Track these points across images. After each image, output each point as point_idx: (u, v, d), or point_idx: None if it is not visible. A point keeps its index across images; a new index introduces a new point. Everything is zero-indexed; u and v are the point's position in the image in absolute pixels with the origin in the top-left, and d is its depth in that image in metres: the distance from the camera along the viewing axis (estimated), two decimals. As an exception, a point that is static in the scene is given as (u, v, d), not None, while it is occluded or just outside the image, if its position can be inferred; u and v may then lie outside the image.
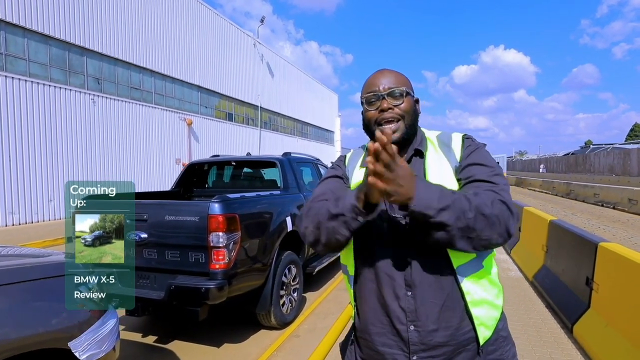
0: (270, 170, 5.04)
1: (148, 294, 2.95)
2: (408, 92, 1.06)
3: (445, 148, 1.06)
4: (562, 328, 3.29)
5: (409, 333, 0.96)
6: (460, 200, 0.85)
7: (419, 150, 1.07)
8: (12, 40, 10.34)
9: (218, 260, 2.83)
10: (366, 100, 1.07)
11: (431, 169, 1.03)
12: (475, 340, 0.98)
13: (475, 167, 0.99)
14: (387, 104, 1.03)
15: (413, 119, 1.07)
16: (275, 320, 3.47)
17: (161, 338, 3.44)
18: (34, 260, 1.90)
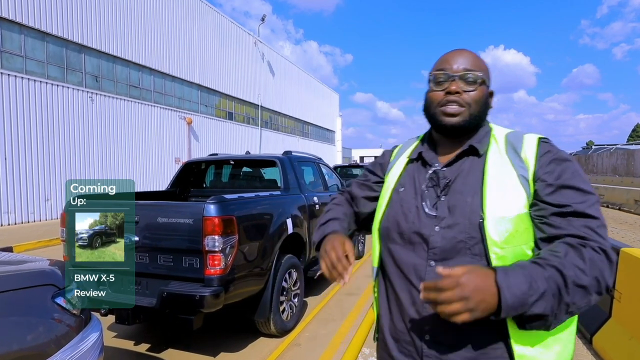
0: (270, 170, 4.85)
1: (139, 301, 2.76)
2: (484, 81, 0.92)
3: (512, 150, 0.88)
4: (580, 339, 3.10)
5: (423, 342, 0.86)
6: (553, 280, 0.71)
7: (473, 147, 0.91)
8: (8, 36, 10.17)
9: (214, 266, 2.64)
10: (434, 78, 0.93)
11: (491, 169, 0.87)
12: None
13: (570, 192, 0.80)
14: (456, 87, 0.89)
15: (480, 111, 0.92)
16: (275, 328, 3.28)
17: (154, 346, 3.26)
18: (7, 269, 1.71)
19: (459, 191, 0.88)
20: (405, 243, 0.91)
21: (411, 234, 0.90)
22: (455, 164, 0.92)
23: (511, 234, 0.80)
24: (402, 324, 0.91)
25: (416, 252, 0.89)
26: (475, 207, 0.83)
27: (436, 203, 0.89)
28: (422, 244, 0.88)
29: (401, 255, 0.92)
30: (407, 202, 0.94)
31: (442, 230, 0.86)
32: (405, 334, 0.90)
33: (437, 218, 0.88)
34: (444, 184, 0.90)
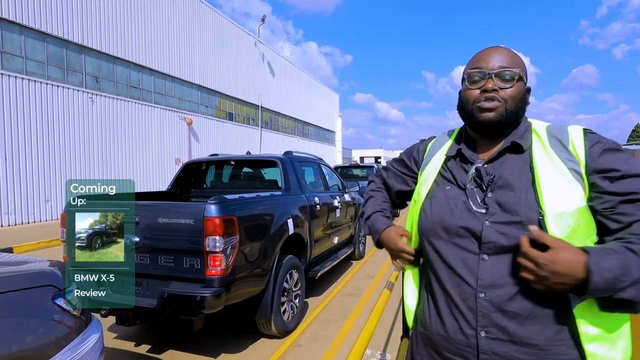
0: (271, 170, 4.84)
1: (140, 302, 2.74)
2: (521, 77, 0.90)
3: (557, 143, 0.87)
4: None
5: (478, 340, 0.83)
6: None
7: (516, 144, 0.90)
8: (8, 37, 10.16)
9: (214, 266, 2.63)
10: (469, 77, 0.93)
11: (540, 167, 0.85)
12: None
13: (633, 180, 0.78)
14: (492, 85, 0.89)
15: (518, 106, 0.90)
16: (276, 329, 3.27)
17: (155, 347, 3.25)
18: (7, 270, 1.70)
19: (507, 187, 0.86)
20: (452, 238, 0.90)
21: (458, 228, 0.89)
22: (497, 161, 0.91)
23: (573, 229, 0.78)
24: (453, 321, 0.88)
25: (465, 246, 0.87)
26: (532, 203, 0.82)
27: (484, 199, 0.88)
28: (471, 238, 0.87)
29: (448, 251, 0.90)
30: (453, 198, 0.93)
31: (496, 226, 0.84)
32: (457, 331, 0.87)
33: (487, 214, 0.86)
34: (488, 181, 0.89)
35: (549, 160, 0.86)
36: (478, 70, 0.91)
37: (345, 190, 5.46)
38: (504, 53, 0.92)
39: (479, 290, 0.83)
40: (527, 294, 0.79)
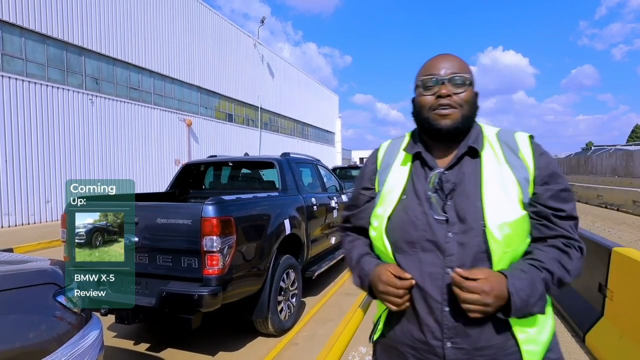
0: (268, 171, 4.90)
1: (139, 301, 2.80)
2: (471, 82, 0.95)
3: (509, 151, 0.92)
4: (573, 337, 3.14)
5: (444, 350, 0.87)
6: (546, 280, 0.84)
7: (473, 148, 0.93)
8: (9, 39, 10.23)
9: (212, 266, 2.69)
10: (423, 84, 0.95)
11: (489, 176, 0.90)
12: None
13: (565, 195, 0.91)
14: (446, 90, 0.92)
15: (471, 111, 0.95)
16: (273, 327, 3.32)
17: (153, 346, 3.30)
18: (9, 268, 1.75)
19: (465, 195, 0.89)
20: (417, 252, 0.91)
21: (424, 242, 0.90)
22: (456, 167, 0.93)
23: (511, 237, 0.86)
24: (420, 333, 0.91)
25: (431, 260, 0.89)
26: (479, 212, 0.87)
27: (443, 207, 0.90)
28: (436, 252, 0.88)
29: (413, 266, 0.91)
30: (413, 209, 0.93)
31: (456, 236, 0.87)
32: (424, 343, 0.90)
33: (448, 224, 0.88)
34: (449, 189, 0.91)
35: (498, 166, 0.91)
36: (431, 77, 0.94)
37: (342, 191, 5.51)
38: (453, 60, 0.96)
39: (444, 305, 0.87)
40: None
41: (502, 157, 0.92)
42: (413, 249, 0.91)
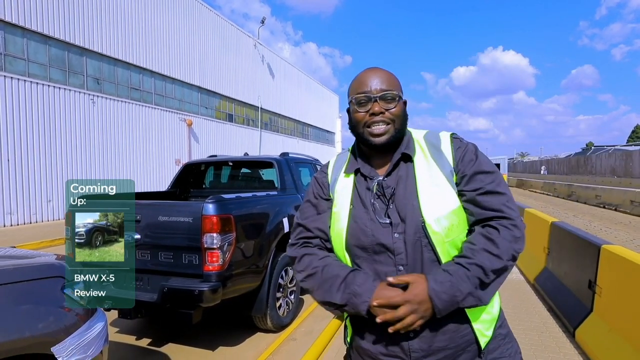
0: (268, 171, 4.98)
1: (141, 296, 2.89)
2: (400, 96, 1.02)
3: (435, 150, 1.02)
4: (564, 332, 3.22)
5: (408, 340, 0.95)
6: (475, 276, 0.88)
7: (406, 154, 1.02)
8: (11, 40, 10.32)
9: (212, 262, 2.77)
10: (356, 101, 1.02)
11: (421, 175, 0.99)
12: (475, 342, 0.96)
13: (479, 177, 0.97)
14: (378, 108, 0.99)
15: (403, 123, 1.03)
16: (272, 323, 3.40)
17: (155, 341, 3.38)
18: (19, 262, 1.84)
19: (403, 196, 0.98)
20: (370, 255, 0.98)
21: (374, 245, 0.97)
22: (393, 173, 1.02)
23: (449, 228, 0.94)
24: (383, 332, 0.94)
25: (384, 261, 0.96)
26: (417, 210, 0.95)
27: (386, 211, 0.98)
28: (387, 253, 0.96)
29: (369, 267, 0.98)
30: (360, 217, 1.00)
31: (402, 236, 0.95)
32: (390, 339, 0.96)
33: (392, 225, 0.96)
34: (390, 193, 0.99)
35: (427, 167, 1.00)
36: (364, 95, 1.00)
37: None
38: (382, 76, 1.02)
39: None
40: None
41: (430, 157, 1.01)
42: (367, 253, 0.98)
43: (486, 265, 0.89)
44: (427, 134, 1.07)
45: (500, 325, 1.01)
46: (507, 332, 1.04)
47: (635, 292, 2.43)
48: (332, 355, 3.04)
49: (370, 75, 1.02)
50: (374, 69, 1.05)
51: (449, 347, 0.94)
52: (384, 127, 1.00)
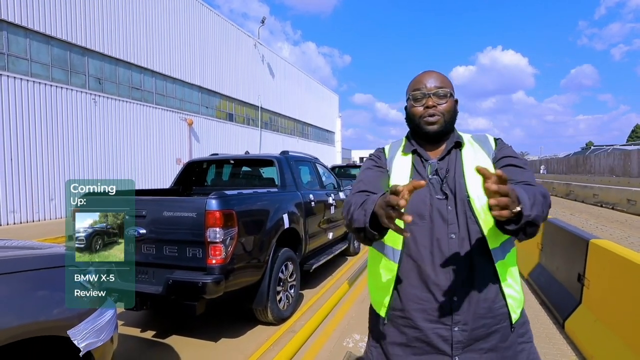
0: (268, 169, 5.10)
1: (146, 289, 3.00)
2: (451, 94, 1.19)
3: (481, 143, 1.21)
4: (554, 324, 3.33)
5: (452, 304, 1.05)
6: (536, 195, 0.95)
7: (458, 142, 1.20)
8: (14, 40, 10.42)
9: (215, 256, 2.88)
10: (413, 97, 1.19)
11: (467, 159, 1.15)
12: (508, 318, 1.08)
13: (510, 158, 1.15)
14: (432, 102, 1.16)
15: (452, 117, 1.20)
16: (272, 316, 3.51)
17: (159, 333, 3.49)
18: (35, 252, 1.95)
19: (453, 177, 1.13)
20: (426, 223, 1.10)
21: (432, 213, 1.10)
22: (446, 157, 1.18)
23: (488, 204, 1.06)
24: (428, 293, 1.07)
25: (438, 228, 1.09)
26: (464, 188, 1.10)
27: (441, 187, 1.13)
28: (441, 220, 1.09)
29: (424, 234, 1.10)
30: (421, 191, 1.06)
31: (453, 209, 1.10)
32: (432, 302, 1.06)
33: (447, 199, 1.11)
34: (443, 174, 1.15)
35: (474, 155, 1.17)
36: (419, 92, 1.18)
37: (340, 188, 5.71)
38: (437, 76, 1.20)
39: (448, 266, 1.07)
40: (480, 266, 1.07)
41: (477, 147, 1.20)
42: (423, 221, 1.11)
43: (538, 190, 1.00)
44: (474, 135, 1.26)
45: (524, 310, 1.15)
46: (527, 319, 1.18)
47: (619, 283, 2.54)
48: (330, 347, 3.16)
49: (426, 75, 1.20)
50: (429, 71, 1.22)
51: (487, 316, 1.05)
52: (437, 117, 1.16)
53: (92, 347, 1.80)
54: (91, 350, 1.81)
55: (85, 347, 1.75)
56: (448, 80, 1.21)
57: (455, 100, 1.22)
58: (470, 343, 1.05)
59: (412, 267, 1.11)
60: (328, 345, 3.19)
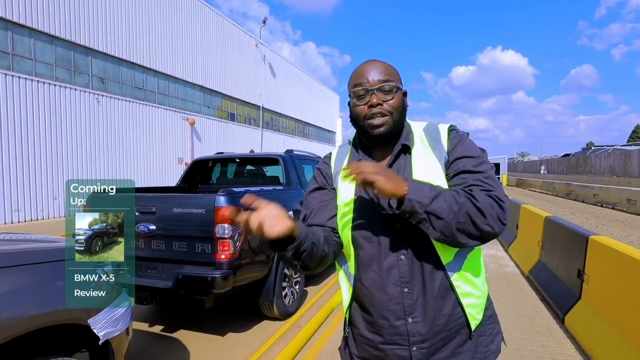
0: (272, 167, 5.17)
1: (156, 284, 3.07)
2: (398, 87, 1.04)
3: (434, 142, 1.05)
4: (554, 319, 3.40)
5: (407, 326, 1.00)
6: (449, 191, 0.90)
7: (405, 145, 1.06)
8: (19, 40, 10.51)
9: (224, 251, 2.95)
10: (354, 94, 1.04)
11: (417, 165, 1.03)
12: (466, 325, 1.03)
13: (462, 160, 1.00)
14: (376, 99, 1.01)
15: (401, 114, 1.05)
16: (278, 311, 3.58)
17: (167, 327, 3.56)
18: (54, 245, 2.02)
19: None
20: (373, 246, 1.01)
21: (380, 237, 1.00)
22: (394, 164, 1.05)
23: None
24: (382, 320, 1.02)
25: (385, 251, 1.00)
26: None
27: (389, 201, 0.99)
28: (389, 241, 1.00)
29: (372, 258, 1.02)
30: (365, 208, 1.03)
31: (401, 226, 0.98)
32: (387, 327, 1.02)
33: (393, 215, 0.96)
34: None
35: (424, 158, 1.04)
36: (361, 88, 1.02)
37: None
38: (379, 67, 1.03)
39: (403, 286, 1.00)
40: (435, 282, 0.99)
41: (428, 148, 1.05)
42: (371, 244, 1.02)
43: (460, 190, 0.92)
44: (427, 126, 1.11)
45: (487, 308, 1.08)
46: (492, 313, 1.11)
47: (618, 278, 2.62)
48: (336, 341, 3.23)
49: (368, 67, 1.04)
50: (371, 61, 1.06)
51: (444, 330, 1.01)
52: (383, 119, 1.02)
53: (110, 336, 1.88)
54: (109, 340, 1.89)
55: (104, 336, 1.83)
56: (394, 69, 1.05)
57: (404, 93, 1.07)
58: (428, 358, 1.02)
59: (365, 292, 1.05)
60: (334, 339, 3.26)
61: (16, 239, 2.26)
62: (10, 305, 1.53)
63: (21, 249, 1.87)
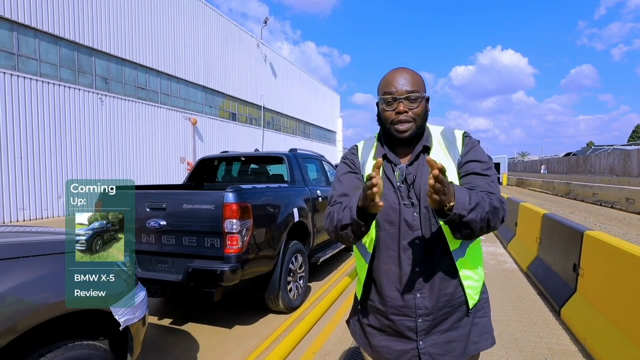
0: (276, 166, 5.29)
1: (167, 277, 3.19)
2: (423, 96, 1.17)
3: (449, 145, 1.21)
4: (551, 311, 3.52)
5: (415, 300, 1.16)
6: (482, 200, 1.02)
7: (426, 146, 1.21)
8: (24, 40, 10.63)
9: (232, 245, 3.07)
10: (384, 101, 1.17)
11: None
12: (465, 304, 1.20)
13: (473, 163, 1.17)
14: (403, 107, 1.15)
15: (424, 120, 1.20)
16: (283, 305, 3.70)
17: (176, 320, 3.68)
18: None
19: (420, 182, 1.16)
20: (395, 229, 1.17)
21: (400, 221, 1.16)
22: (415, 162, 1.20)
23: None
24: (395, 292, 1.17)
25: (404, 235, 1.16)
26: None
27: (408, 194, 1.17)
28: (407, 227, 1.16)
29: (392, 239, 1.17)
30: (390, 196, 1.17)
31: (418, 215, 1.15)
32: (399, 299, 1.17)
33: (413, 206, 1.15)
34: (411, 179, 1.18)
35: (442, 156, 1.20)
36: (390, 95, 1.16)
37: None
38: (408, 77, 1.16)
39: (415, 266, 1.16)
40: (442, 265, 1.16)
41: (445, 149, 1.22)
42: (393, 227, 1.17)
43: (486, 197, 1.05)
44: (444, 130, 1.26)
45: (483, 291, 1.25)
46: (487, 297, 1.28)
47: (611, 270, 2.73)
48: (339, 333, 3.34)
49: (397, 76, 1.17)
50: (400, 70, 1.19)
51: (446, 307, 1.17)
52: (407, 125, 1.16)
53: (129, 323, 1.99)
54: (128, 327, 2.01)
55: (125, 322, 1.94)
56: (420, 78, 1.18)
57: (427, 99, 1.21)
58: (431, 329, 1.17)
59: (381, 268, 1.20)
60: (337, 332, 3.37)
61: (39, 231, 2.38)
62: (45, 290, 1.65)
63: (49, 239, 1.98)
